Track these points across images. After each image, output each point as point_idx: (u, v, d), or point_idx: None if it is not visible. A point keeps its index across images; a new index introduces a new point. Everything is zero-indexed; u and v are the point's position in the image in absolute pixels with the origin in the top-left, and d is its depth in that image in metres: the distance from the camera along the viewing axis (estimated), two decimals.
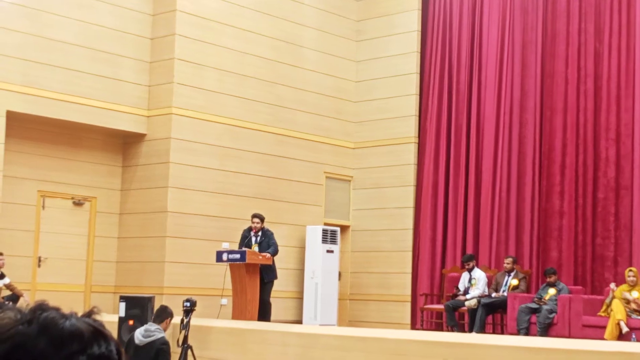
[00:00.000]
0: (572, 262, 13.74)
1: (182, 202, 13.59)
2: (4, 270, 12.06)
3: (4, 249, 12.27)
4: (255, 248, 12.32)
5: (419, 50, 15.67)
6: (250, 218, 12.76)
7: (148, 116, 13.87)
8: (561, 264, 13.63)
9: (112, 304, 13.10)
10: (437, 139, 15.24)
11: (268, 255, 12.16)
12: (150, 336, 8.27)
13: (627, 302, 11.60)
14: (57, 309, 1.27)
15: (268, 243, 12.41)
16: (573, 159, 13.97)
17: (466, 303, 13.09)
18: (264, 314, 12.17)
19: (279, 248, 12.62)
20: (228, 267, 12.33)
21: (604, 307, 11.94)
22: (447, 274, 14.44)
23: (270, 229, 12.72)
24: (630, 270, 12.06)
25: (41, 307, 1.26)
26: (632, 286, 11.82)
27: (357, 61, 16.23)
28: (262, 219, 12.62)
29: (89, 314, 1.30)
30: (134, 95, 13.78)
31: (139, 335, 8.32)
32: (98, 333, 1.27)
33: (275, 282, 12.57)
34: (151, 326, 8.36)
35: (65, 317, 1.26)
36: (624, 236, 13.39)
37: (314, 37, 15.63)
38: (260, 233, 12.54)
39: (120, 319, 10.10)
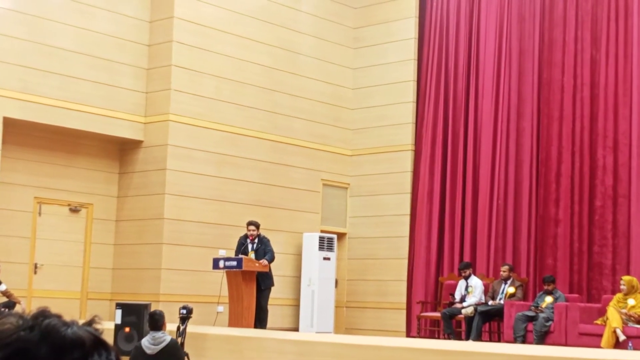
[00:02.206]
0: (569, 270, 13.73)
1: (178, 209, 13.58)
2: (0, 277, 12.03)
3: (0, 255, 12.25)
4: (252, 255, 12.30)
5: (416, 58, 15.69)
6: (245, 225, 12.75)
7: (145, 123, 13.86)
8: (558, 272, 13.62)
9: (108, 311, 13.08)
10: (433, 147, 15.24)
11: (265, 262, 12.14)
12: (161, 342, 8.27)
13: (626, 314, 11.59)
14: (58, 316, 1.27)
15: (264, 250, 12.39)
16: (570, 166, 13.97)
17: (463, 311, 13.08)
18: (260, 320, 12.16)
19: (275, 255, 12.60)
20: (224, 274, 12.32)
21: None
22: (444, 281, 14.43)
23: (266, 235, 12.71)
24: (622, 279, 12.08)
25: (43, 314, 1.27)
26: (627, 294, 11.82)
27: (354, 68, 16.24)
28: (257, 226, 12.60)
29: (90, 322, 1.30)
30: (131, 101, 13.77)
31: (148, 345, 8.29)
32: (99, 342, 1.27)
33: (272, 289, 12.56)
34: (156, 333, 8.36)
35: (67, 324, 1.26)
36: (622, 244, 13.38)
37: (312, 45, 15.65)
38: (256, 240, 12.52)
39: (117, 326, 10.08)
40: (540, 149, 14.32)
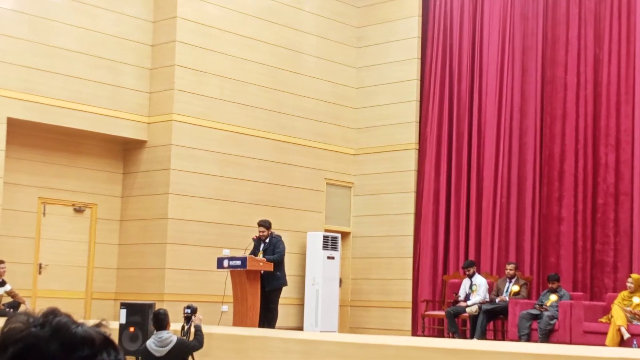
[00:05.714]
0: (572, 268, 13.73)
1: (182, 208, 13.59)
2: (5, 277, 12.07)
3: (4, 255, 12.28)
4: (261, 255, 12.29)
5: (420, 57, 15.68)
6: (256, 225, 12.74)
7: (149, 123, 13.88)
8: (561, 270, 13.62)
9: (112, 311, 13.10)
10: (437, 146, 15.25)
11: (264, 259, 12.11)
12: (168, 343, 8.24)
13: (631, 312, 11.58)
14: (68, 316, 1.30)
15: (273, 250, 12.38)
16: (573, 164, 13.97)
17: (467, 309, 13.08)
18: (268, 320, 12.15)
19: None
20: (229, 273, 12.33)
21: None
22: (448, 280, 14.43)
23: (278, 235, 12.65)
24: (630, 277, 12.07)
25: (53, 312, 1.29)
26: (632, 292, 11.82)
27: (357, 67, 16.24)
28: (266, 226, 12.55)
29: (98, 325, 1.33)
30: (135, 102, 13.79)
31: (155, 347, 8.24)
32: (108, 342, 1.30)
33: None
34: (162, 334, 8.30)
35: (77, 323, 1.29)
36: (624, 242, 13.39)
37: (315, 44, 15.65)
38: (267, 240, 12.51)
39: (121, 326, 10.08)
40: (544, 147, 14.32)
